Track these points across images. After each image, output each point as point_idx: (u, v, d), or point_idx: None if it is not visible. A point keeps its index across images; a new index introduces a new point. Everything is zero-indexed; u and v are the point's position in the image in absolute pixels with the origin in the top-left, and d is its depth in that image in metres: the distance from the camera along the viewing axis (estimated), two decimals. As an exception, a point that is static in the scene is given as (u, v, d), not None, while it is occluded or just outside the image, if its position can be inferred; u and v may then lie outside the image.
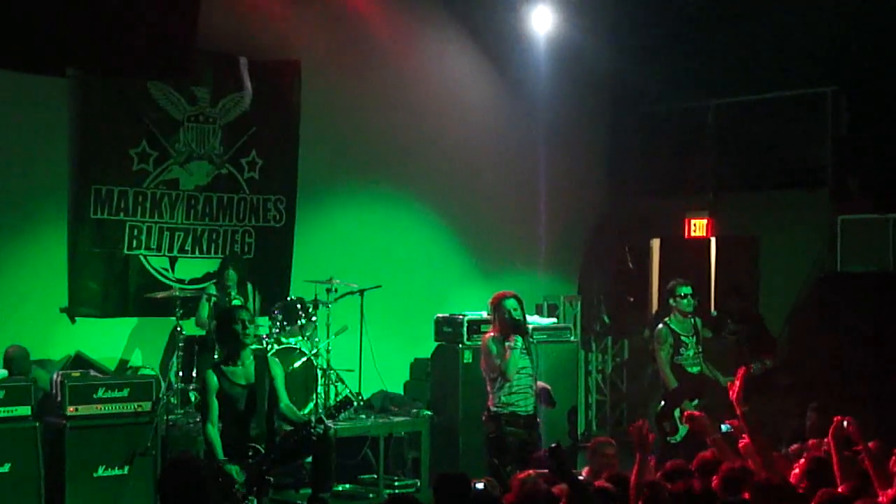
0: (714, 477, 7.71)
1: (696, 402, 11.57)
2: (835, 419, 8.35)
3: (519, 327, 10.48)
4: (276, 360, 9.83)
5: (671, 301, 11.90)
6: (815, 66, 14.69)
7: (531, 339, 10.81)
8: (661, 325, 11.88)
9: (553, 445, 7.57)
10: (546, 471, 8.15)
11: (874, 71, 14.37)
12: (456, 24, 15.23)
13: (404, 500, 7.12)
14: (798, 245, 14.75)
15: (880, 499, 7.16)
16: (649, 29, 15.41)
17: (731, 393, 8.67)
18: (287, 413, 9.79)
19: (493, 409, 10.45)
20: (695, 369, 11.83)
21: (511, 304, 10.50)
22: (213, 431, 9.28)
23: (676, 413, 11.57)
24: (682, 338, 11.78)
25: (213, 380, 9.36)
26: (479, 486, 8.75)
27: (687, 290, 11.87)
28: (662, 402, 11.80)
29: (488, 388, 10.53)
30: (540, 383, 10.71)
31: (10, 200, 12.49)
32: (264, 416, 9.42)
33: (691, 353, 11.79)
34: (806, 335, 14.22)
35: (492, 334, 10.57)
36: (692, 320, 11.89)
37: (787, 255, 14.85)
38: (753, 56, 15.20)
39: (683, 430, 11.50)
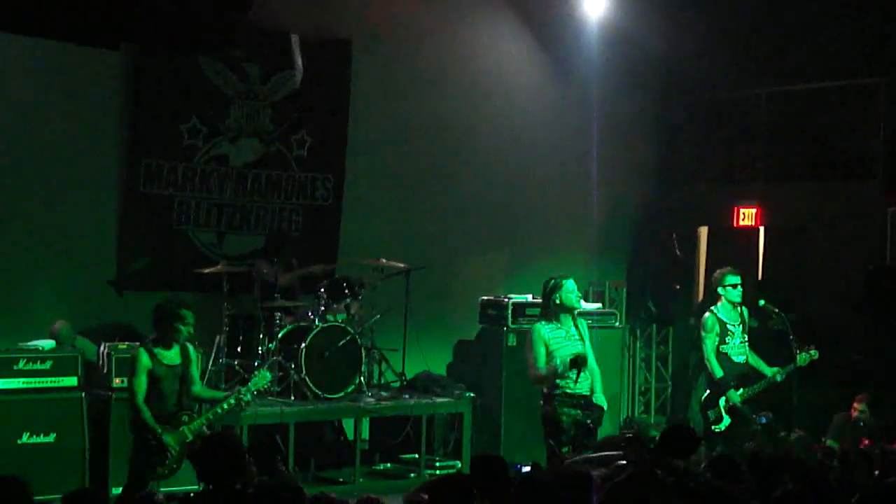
0: None
1: (741, 391, 11.52)
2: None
3: (567, 310, 10.48)
4: (192, 346, 9.92)
5: (719, 290, 11.82)
6: (868, 56, 14.57)
7: (580, 322, 10.73)
8: (707, 314, 11.82)
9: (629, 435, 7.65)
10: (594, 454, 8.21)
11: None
12: (508, 7, 15.19)
13: (454, 480, 7.13)
14: (847, 236, 14.64)
15: None
16: (702, 16, 15.29)
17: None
18: (201, 395, 10.04)
19: (546, 389, 10.39)
20: (740, 358, 11.76)
21: (569, 286, 10.50)
22: (145, 408, 9.54)
23: (721, 402, 11.53)
24: (729, 326, 11.71)
25: (146, 358, 9.60)
26: (526, 469, 8.78)
27: (736, 279, 11.79)
28: (707, 391, 11.75)
29: None
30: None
31: (61, 173, 12.57)
32: (177, 396, 9.72)
33: (737, 342, 11.72)
34: (854, 328, 14.11)
35: (540, 321, 10.56)
36: (739, 309, 11.82)
37: (836, 247, 14.73)
38: (806, 45, 15.08)
39: (728, 419, 11.47)
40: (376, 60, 14.27)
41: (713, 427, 11.59)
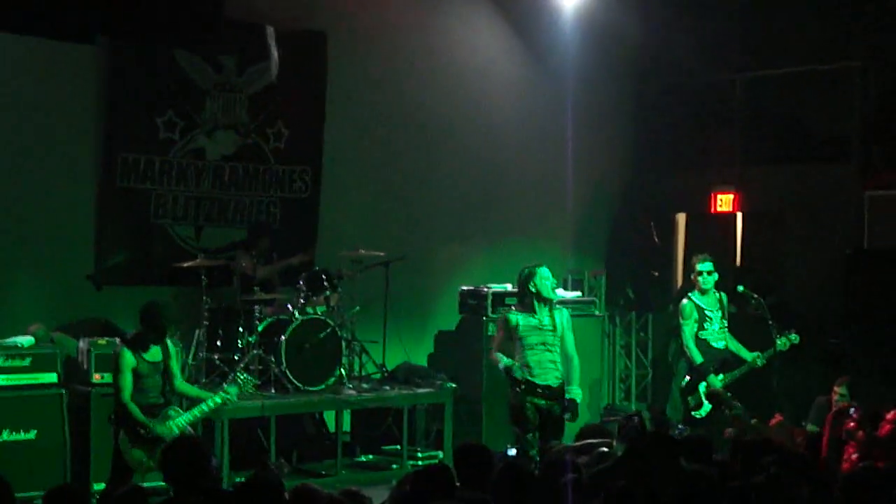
0: None
1: (721, 376, 11.56)
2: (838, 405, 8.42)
3: (542, 300, 10.56)
4: (171, 341, 10.10)
5: (692, 276, 11.89)
6: (844, 40, 14.59)
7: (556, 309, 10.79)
8: (685, 300, 11.87)
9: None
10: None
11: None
12: (483, -4, 15.21)
13: (437, 471, 7.13)
14: (825, 220, 14.69)
15: None
16: (676, 2, 15.31)
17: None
18: (183, 389, 10.19)
19: (511, 376, 10.57)
20: (720, 344, 11.81)
21: (543, 272, 10.59)
22: (133, 404, 9.71)
23: (702, 388, 11.56)
24: (707, 312, 11.75)
25: (129, 356, 9.78)
26: (512, 451, 8.84)
27: (707, 265, 11.84)
28: (688, 377, 11.78)
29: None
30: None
31: (37, 167, 12.50)
32: (160, 390, 9.93)
33: (716, 327, 11.77)
34: (832, 311, 14.16)
35: (514, 309, 10.69)
36: (717, 295, 11.86)
37: (813, 231, 14.79)
38: (781, 29, 15.11)
39: (708, 405, 11.50)
40: (352, 51, 14.24)
41: (693, 413, 11.64)
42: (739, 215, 15.42)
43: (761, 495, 6.75)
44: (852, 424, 10.10)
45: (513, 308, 10.99)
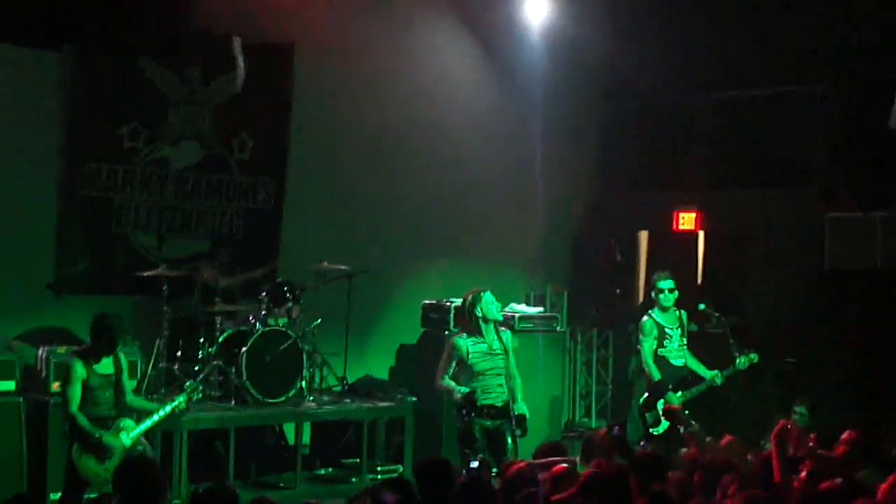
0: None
1: (679, 394, 11.60)
2: (780, 422, 8.46)
3: (488, 322, 10.61)
4: (122, 354, 10.09)
5: (652, 294, 11.93)
6: (809, 64, 14.67)
7: (503, 333, 10.82)
8: (645, 317, 11.90)
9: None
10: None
11: (866, 70, 14.36)
12: (450, 12, 15.18)
13: (397, 484, 7.13)
14: (786, 242, 14.75)
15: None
16: (644, 22, 15.37)
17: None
18: (135, 404, 10.20)
19: (456, 400, 10.65)
20: (679, 362, 11.85)
21: (488, 297, 10.62)
22: (80, 414, 9.70)
23: (660, 405, 11.60)
24: (667, 330, 11.80)
25: (80, 368, 9.76)
26: (474, 464, 8.84)
27: (668, 283, 11.88)
28: (646, 394, 11.82)
29: None
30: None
31: (-1, 174, 12.44)
32: (112, 402, 9.95)
33: (675, 345, 11.81)
34: (793, 332, 14.24)
35: (462, 334, 10.68)
36: (677, 312, 11.90)
37: (775, 252, 14.85)
38: (747, 52, 15.17)
39: (666, 422, 11.53)
40: (319, 64, 14.22)
41: (651, 430, 11.66)
42: (701, 234, 15.48)
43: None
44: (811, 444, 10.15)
45: (458, 332, 10.96)
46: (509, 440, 10.56)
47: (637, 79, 15.63)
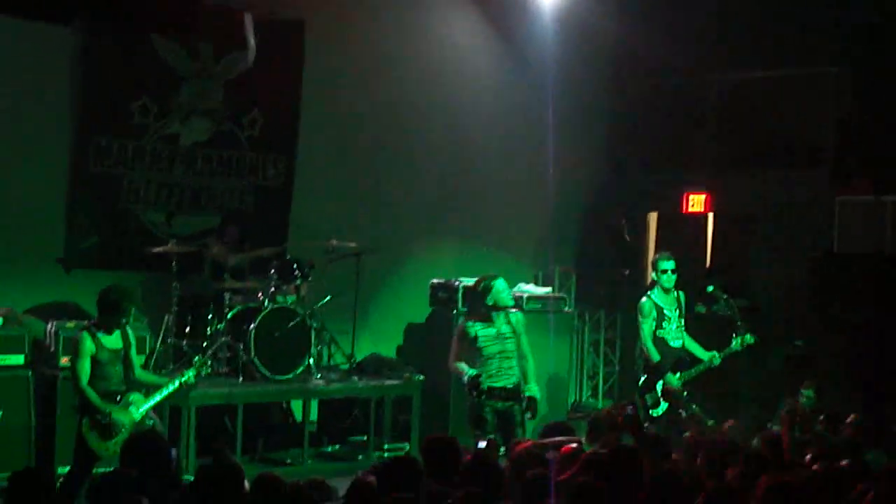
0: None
1: (678, 375, 11.59)
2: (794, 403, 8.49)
3: (500, 310, 10.65)
4: (131, 329, 10.05)
5: (653, 275, 11.90)
6: (820, 45, 14.62)
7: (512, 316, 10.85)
8: (644, 299, 11.87)
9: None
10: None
11: (879, 52, 14.32)
12: (462, -9, 15.21)
13: (403, 462, 7.14)
14: (795, 224, 14.74)
15: None
16: (655, 3, 15.33)
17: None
18: (143, 379, 10.16)
19: (477, 387, 10.68)
20: (677, 343, 11.84)
21: (500, 285, 10.66)
22: (90, 389, 9.70)
23: (659, 386, 11.60)
24: (665, 311, 11.78)
25: (89, 342, 9.75)
26: (482, 444, 8.88)
27: (669, 264, 11.83)
28: (644, 376, 11.82)
29: None
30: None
31: (8, 149, 12.43)
32: (120, 377, 9.90)
33: (673, 326, 11.80)
34: (801, 314, 14.24)
35: (472, 319, 10.75)
36: (676, 293, 11.88)
37: (784, 234, 14.84)
38: (758, 33, 15.13)
39: (665, 403, 11.54)
40: (329, 41, 14.19)
41: (651, 411, 11.67)
42: (711, 216, 15.47)
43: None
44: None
45: (468, 316, 11.00)
46: (518, 428, 10.62)
47: (647, 60, 15.61)
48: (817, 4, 14.31)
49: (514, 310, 10.94)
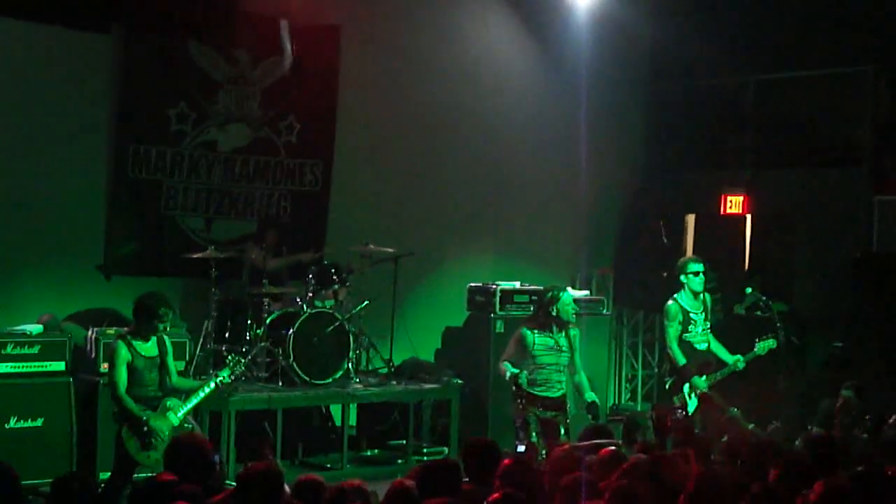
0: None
1: (704, 378, 11.54)
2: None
3: (562, 323, 10.67)
4: (166, 337, 10.04)
5: (682, 277, 11.82)
6: (857, 44, 14.57)
7: (571, 331, 10.88)
8: (670, 302, 11.78)
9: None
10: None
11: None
12: (496, -7, 15.22)
13: (443, 466, 7.14)
14: (834, 225, 14.67)
15: None
16: (690, 3, 15.31)
17: None
18: (180, 386, 10.14)
19: (514, 388, 10.73)
20: (703, 346, 11.77)
21: (566, 298, 10.74)
22: (127, 397, 9.73)
23: (686, 389, 11.56)
24: (692, 315, 11.70)
25: (124, 350, 9.77)
26: (521, 448, 8.88)
27: (698, 266, 11.75)
28: (671, 379, 11.79)
29: None
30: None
31: (49, 157, 12.53)
32: (157, 383, 9.93)
33: (699, 329, 11.74)
34: (840, 315, 14.16)
35: (532, 326, 10.78)
36: (702, 297, 11.82)
37: (823, 235, 14.77)
38: (795, 33, 15.08)
39: (692, 405, 11.49)
40: (365, 46, 14.25)
41: (678, 413, 11.63)
42: (749, 217, 15.40)
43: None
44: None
45: (528, 323, 10.99)
46: (562, 431, 10.63)
47: (683, 60, 15.57)
48: (853, 4, 14.24)
49: (573, 326, 10.96)
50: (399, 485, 6.93)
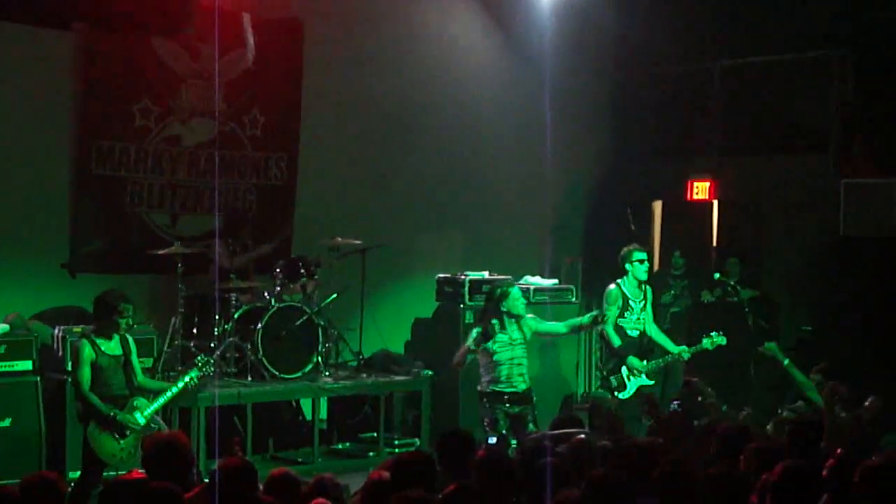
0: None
1: (645, 362, 11.65)
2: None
3: (513, 316, 10.71)
4: (129, 337, 10.05)
5: (626, 265, 11.88)
6: (822, 28, 14.60)
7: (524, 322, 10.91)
8: (612, 286, 11.90)
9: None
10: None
11: (881, 35, 14.29)
12: (460, -17, 15.19)
13: (418, 457, 7.11)
14: (801, 209, 14.72)
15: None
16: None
17: None
18: (146, 385, 10.16)
19: (478, 388, 10.90)
20: (634, 333, 11.91)
21: (515, 293, 10.79)
22: (93, 395, 9.73)
23: (624, 370, 11.66)
24: (630, 302, 11.85)
25: (88, 349, 9.77)
26: (493, 440, 8.87)
27: (643, 255, 11.90)
28: (610, 360, 11.92)
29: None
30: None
31: (12, 154, 12.44)
32: (123, 382, 9.93)
33: (634, 317, 11.87)
34: (809, 299, 14.21)
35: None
36: (643, 287, 11.91)
37: (790, 219, 14.83)
38: (759, 18, 15.12)
39: (632, 387, 11.59)
40: (329, 39, 14.19)
41: (617, 394, 11.73)
42: (716, 203, 15.44)
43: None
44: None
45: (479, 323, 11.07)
46: (531, 426, 10.65)
47: (649, 47, 15.58)
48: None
49: (529, 315, 10.98)
50: (376, 476, 6.91)
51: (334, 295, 12.68)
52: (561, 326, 11.37)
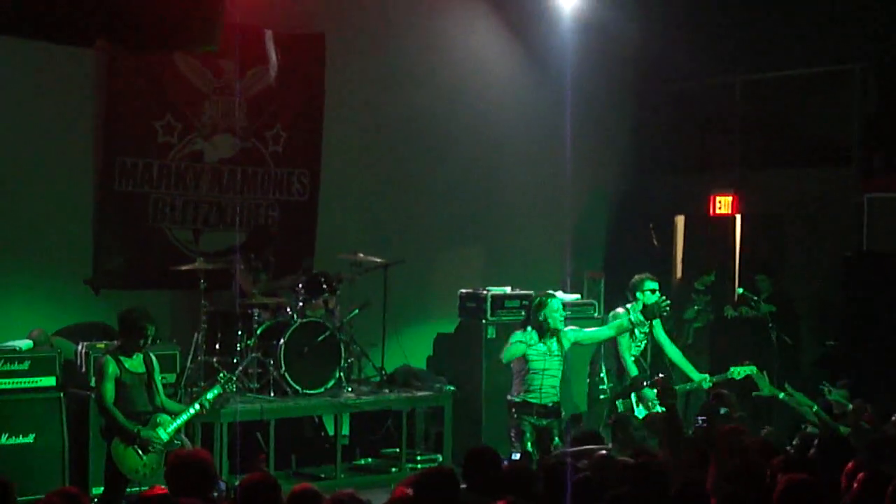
0: None
1: (655, 390, 11.57)
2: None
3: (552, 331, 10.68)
4: (153, 355, 10.10)
5: (637, 294, 11.73)
6: (844, 42, 14.58)
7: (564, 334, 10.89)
8: (621, 310, 11.76)
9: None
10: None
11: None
12: (481, -1, 15.21)
13: (441, 474, 7.10)
14: (824, 223, 14.68)
15: None
16: (677, 4, 15.30)
17: None
18: (168, 406, 10.14)
19: (508, 397, 10.89)
20: (636, 351, 11.87)
21: (554, 304, 10.79)
22: (116, 409, 9.75)
23: (633, 397, 11.57)
24: (636, 331, 11.74)
25: (113, 366, 9.79)
26: (516, 456, 8.86)
27: (654, 285, 11.73)
28: (619, 384, 11.86)
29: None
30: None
31: (36, 171, 12.49)
32: (146, 399, 9.95)
33: (634, 345, 11.80)
34: (832, 314, 14.15)
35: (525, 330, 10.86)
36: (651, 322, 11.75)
37: (812, 234, 14.78)
38: (781, 32, 15.09)
39: (638, 413, 11.49)
40: (350, 54, 14.23)
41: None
42: (738, 218, 15.40)
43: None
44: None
45: (520, 330, 11.00)
46: (557, 439, 10.62)
47: (671, 62, 15.56)
48: (839, 2, 14.25)
49: (569, 327, 10.96)
50: (399, 493, 6.90)
51: (356, 311, 12.69)
52: (605, 330, 11.30)
